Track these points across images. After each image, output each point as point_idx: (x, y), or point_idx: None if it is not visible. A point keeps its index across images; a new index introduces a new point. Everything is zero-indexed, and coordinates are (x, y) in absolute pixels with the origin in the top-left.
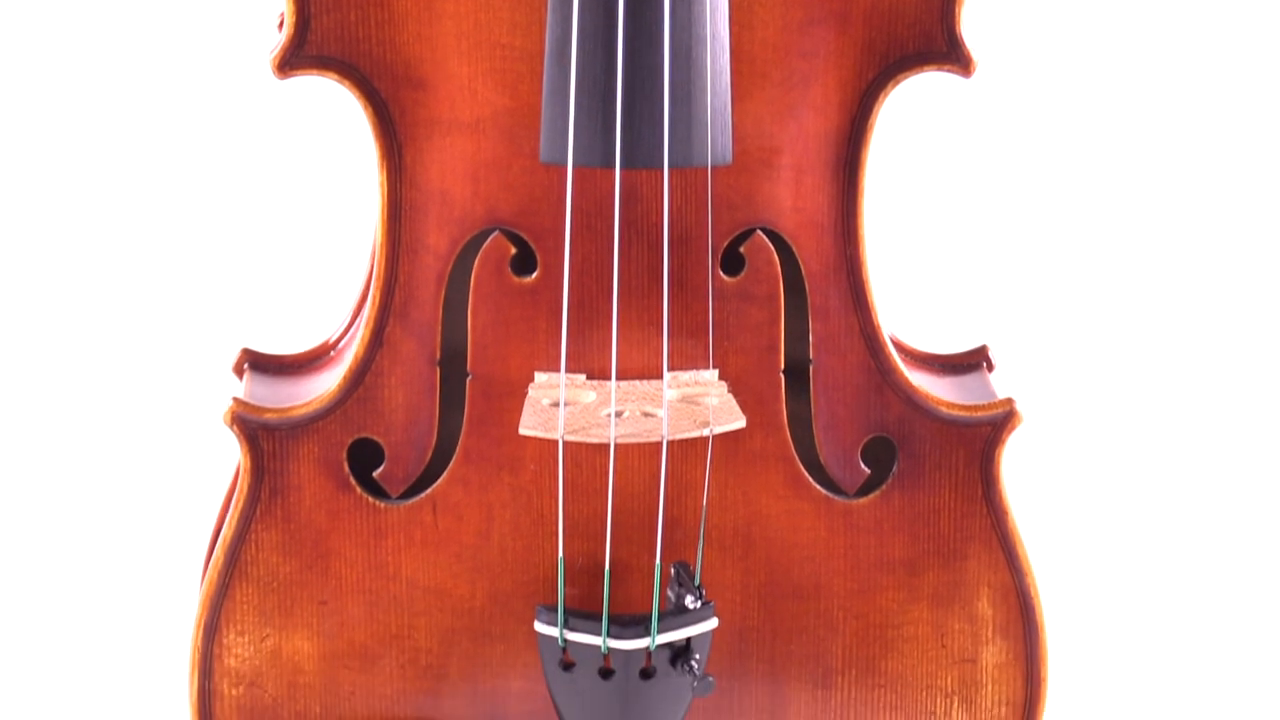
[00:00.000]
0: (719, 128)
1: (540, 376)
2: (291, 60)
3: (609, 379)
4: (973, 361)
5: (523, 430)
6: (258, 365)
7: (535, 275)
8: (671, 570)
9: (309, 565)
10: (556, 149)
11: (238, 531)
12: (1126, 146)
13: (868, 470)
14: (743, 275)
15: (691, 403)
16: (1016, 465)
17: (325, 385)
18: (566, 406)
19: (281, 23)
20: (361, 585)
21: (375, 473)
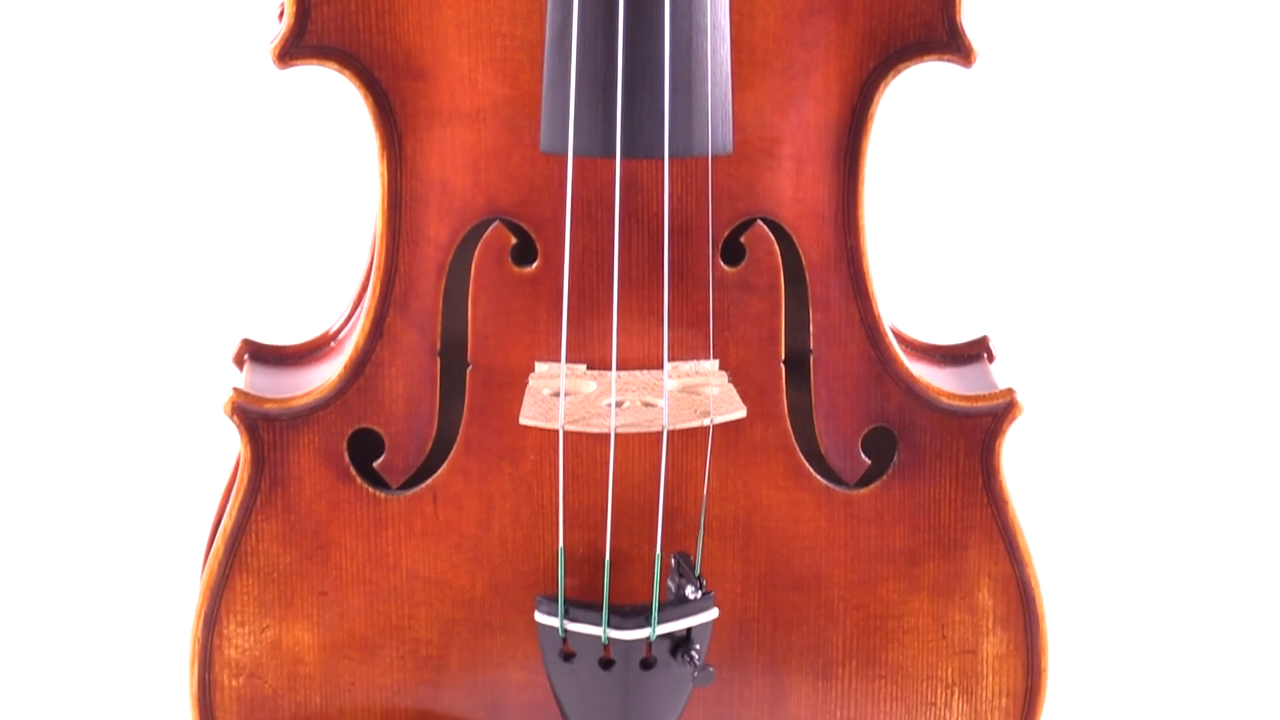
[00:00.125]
0: (719, 117)
1: (541, 366)
2: (292, 50)
3: (609, 369)
4: (973, 352)
5: (523, 420)
6: (258, 356)
7: (536, 265)
8: (672, 560)
9: (309, 556)
10: (557, 138)
11: (238, 522)
12: (1127, 137)
13: (868, 461)
14: (743, 265)
15: (692, 393)
16: (1017, 456)
17: (325, 376)
18: (567, 396)
19: (282, 13)
20: (362, 576)
21: (376, 463)
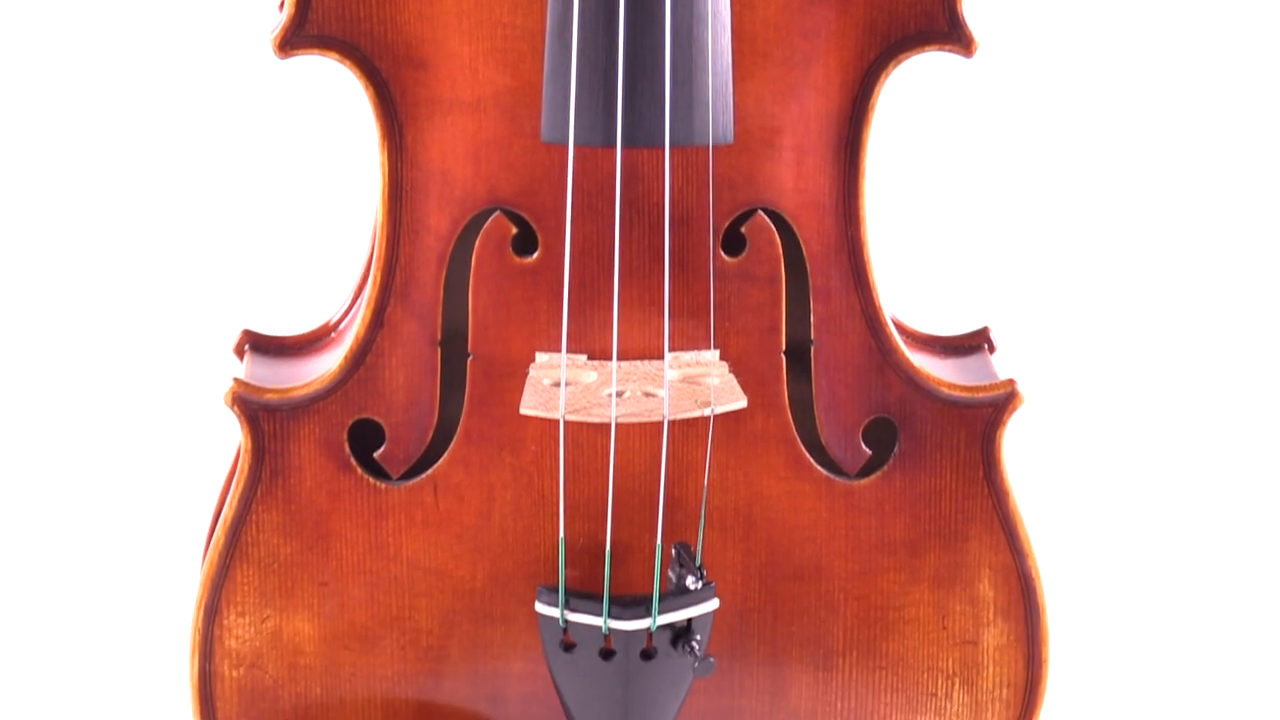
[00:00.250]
0: (720, 107)
1: (541, 357)
2: (292, 40)
3: (610, 359)
4: (974, 343)
5: (524, 410)
6: (258, 346)
7: (536, 255)
8: (672, 551)
9: (309, 546)
10: (558, 128)
11: (238, 512)
12: (1128, 128)
13: (869, 451)
14: (744, 256)
15: (692, 383)
16: (1018, 446)
17: (326, 366)
18: (568, 386)
19: (282, 3)
20: (362, 566)
21: (376, 453)
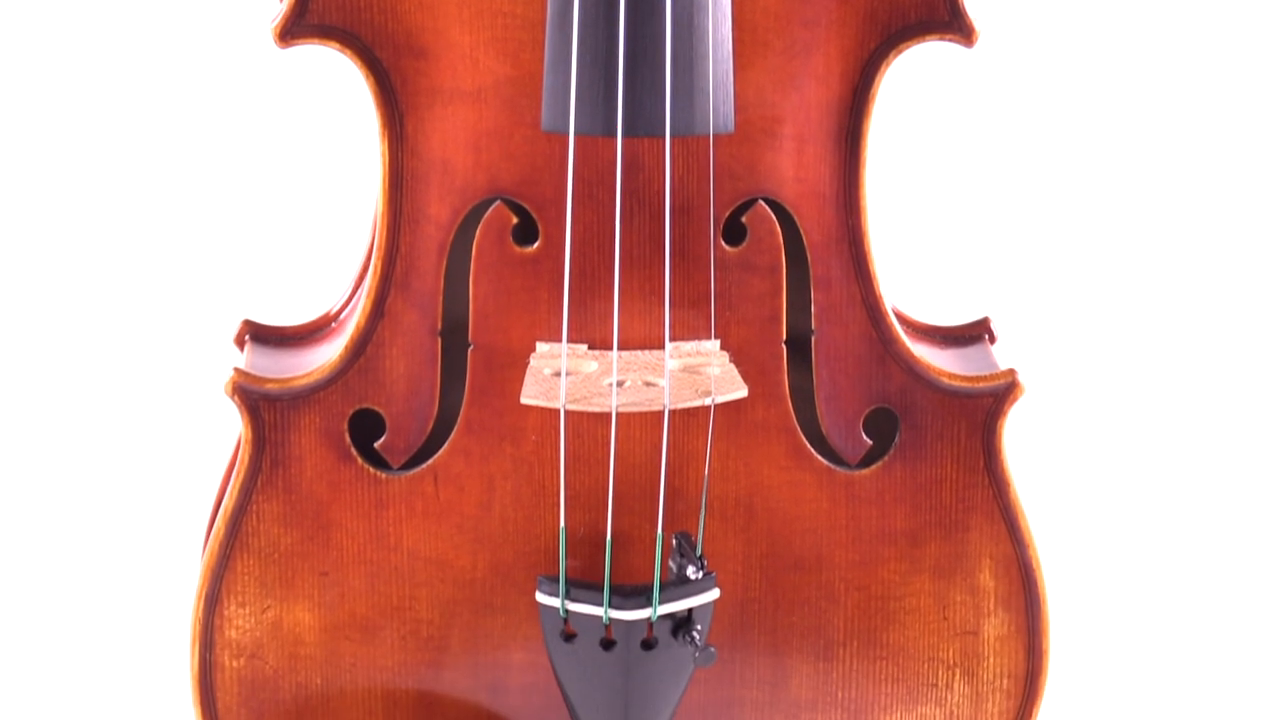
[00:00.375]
0: (721, 96)
1: (542, 346)
2: (293, 29)
3: (611, 349)
4: (975, 333)
5: (524, 400)
6: (259, 337)
7: (537, 245)
8: (673, 541)
9: (310, 536)
10: (558, 117)
11: (239, 503)
12: (1129, 119)
13: (869, 441)
14: (744, 245)
15: (693, 372)
16: (1019, 437)
17: (326, 356)
18: (568, 376)
19: None
20: (362, 556)
21: (376, 443)
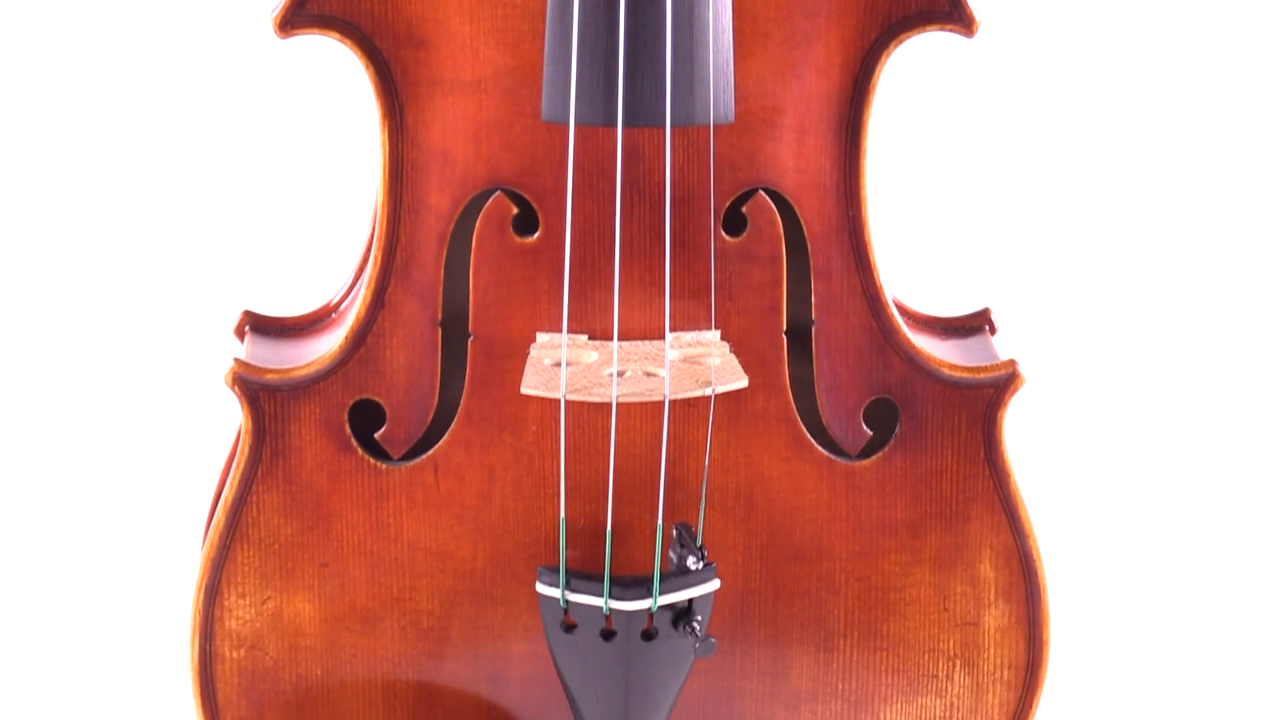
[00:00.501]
0: (721, 86)
1: (542, 337)
2: (293, 19)
3: (611, 339)
4: (975, 324)
5: (525, 390)
6: (259, 327)
7: (537, 235)
8: (673, 531)
9: (310, 527)
10: (558, 107)
11: (239, 493)
12: (1129, 109)
13: (870, 432)
14: (745, 236)
15: (693, 363)
16: (1019, 427)
17: (327, 346)
18: (569, 366)
19: None
20: (363, 547)
21: (377, 434)
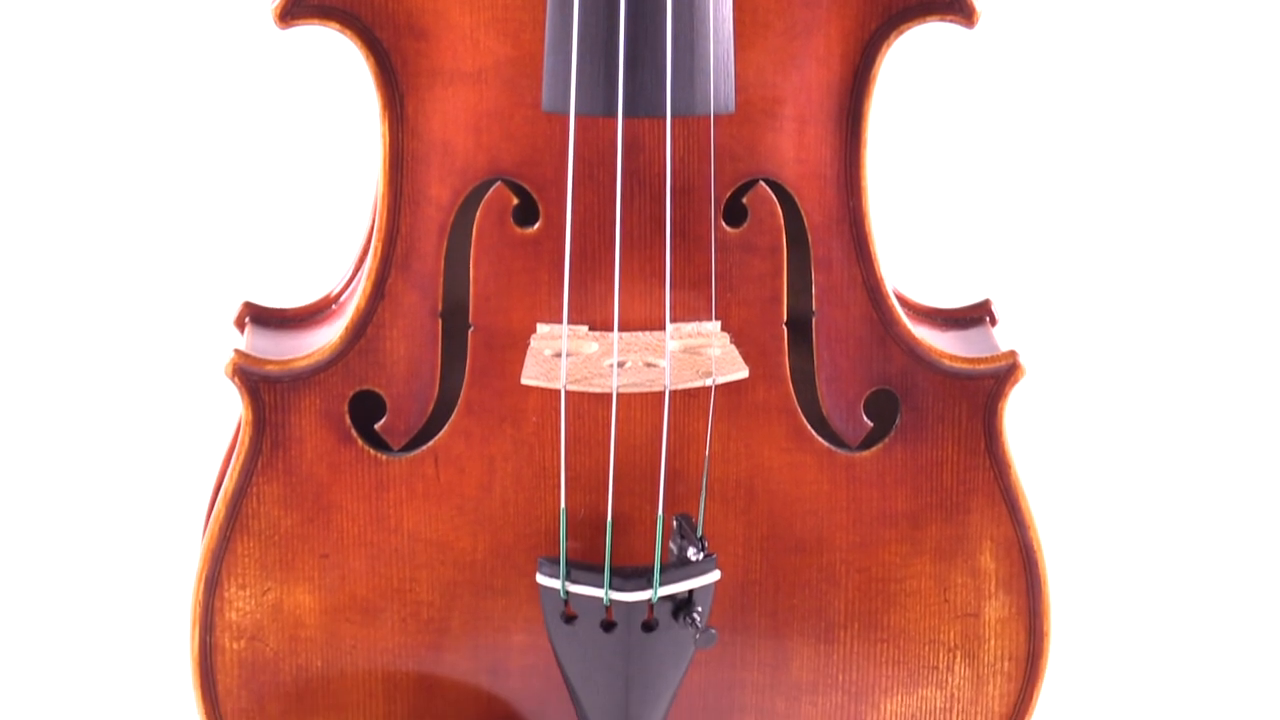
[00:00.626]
0: (721, 76)
1: (542, 328)
2: (293, 10)
3: (611, 330)
4: (976, 315)
5: (525, 381)
6: (259, 319)
7: (537, 226)
8: (674, 523)
9: (310, 518)
10: (559, 97)
11: (239, 485)
12: (1130, 101)
13: (870, 423)
14: (745, 226)
15: (694, 354)
16: (1020, 418)
17: (327, 338)
18: (569, 357)
19: None
20: (363, 538)
21: (377, 425)
